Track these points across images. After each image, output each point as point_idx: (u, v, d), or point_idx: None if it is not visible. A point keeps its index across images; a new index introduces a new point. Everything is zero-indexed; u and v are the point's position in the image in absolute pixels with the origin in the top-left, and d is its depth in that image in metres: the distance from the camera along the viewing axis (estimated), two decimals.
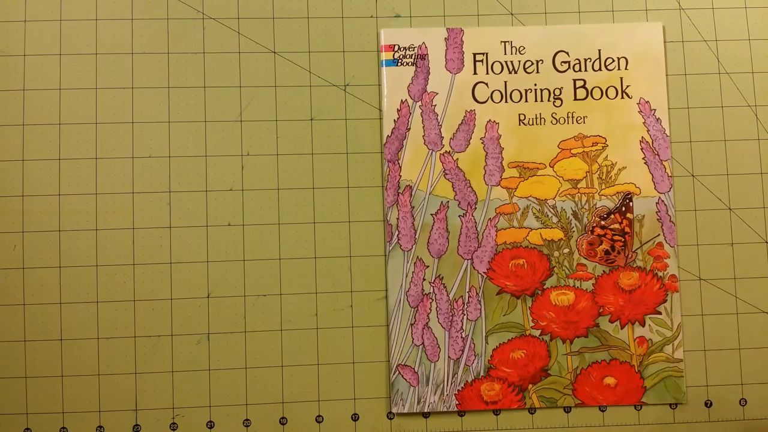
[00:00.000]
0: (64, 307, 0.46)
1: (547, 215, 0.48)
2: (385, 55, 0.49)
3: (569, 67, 0.48)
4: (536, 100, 0.48)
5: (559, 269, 0.47)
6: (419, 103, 0.48)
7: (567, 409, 0.47)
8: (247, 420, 0.46)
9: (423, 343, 0.47)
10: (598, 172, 0.48)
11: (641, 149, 0.48)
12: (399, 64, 0.49)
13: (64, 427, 0.46)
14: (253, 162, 0.48)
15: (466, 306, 0.47)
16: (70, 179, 0.47)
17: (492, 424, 0.47)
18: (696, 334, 0.47)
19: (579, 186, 0.48)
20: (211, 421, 0.46)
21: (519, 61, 0.48)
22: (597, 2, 0.50)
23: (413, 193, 0.48)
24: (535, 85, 0.48)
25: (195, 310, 0.47)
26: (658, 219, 0.48)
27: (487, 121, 0.48)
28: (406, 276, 0.47)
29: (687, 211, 0.48)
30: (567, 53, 0.48)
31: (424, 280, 0.47)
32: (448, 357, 0.47)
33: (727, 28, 0.50)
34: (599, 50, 0.48)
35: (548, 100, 0.48)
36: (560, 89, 0.48)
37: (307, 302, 0.47)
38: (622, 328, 0.47)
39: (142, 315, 0.46)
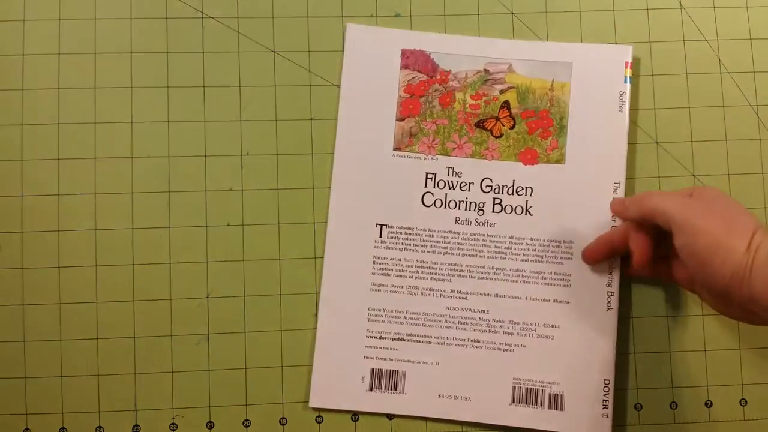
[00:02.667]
0: (64, 307, 0.46)
1: None
2: None
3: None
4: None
5: None
6: None
7: None
8: (246, 420, 0.46)
9: None
10: None
11: None
12: None
13: (63, 427, 0.46)
14: (253, 162, 0.48)
15: None
16: (70, 179, 0.47)
17: None
18: (696, 334, 0.47)
19: None
20: (211, 421, 0.46)
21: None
22: (598, 1, 0.49)
23: None
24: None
25: (195, 310, 0.47)
26: None
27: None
28: None
29: None
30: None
31: None
32: None
33: (728, 27, 0.49)
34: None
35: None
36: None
37: (307, 302, 0.47)
38: None
39: (142, 315, 0.46)
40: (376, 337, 0.46)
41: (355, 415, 0.46)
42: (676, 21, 0.50)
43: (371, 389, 0.46)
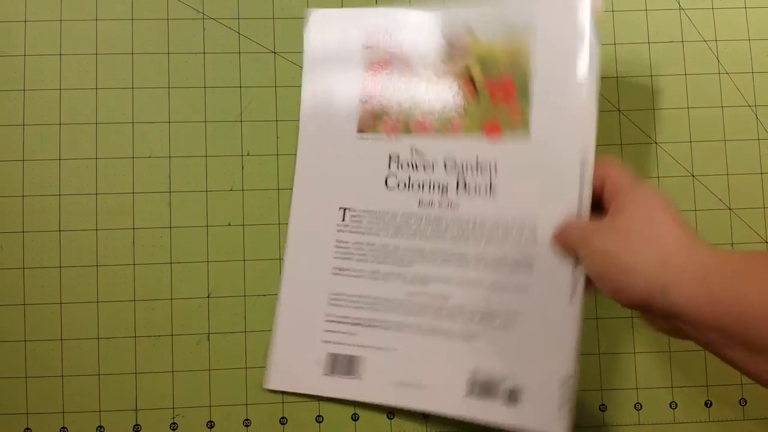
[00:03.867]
0: (64, 307, 0.46)
1: None
2: None
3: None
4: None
5: None
6: None
7: None
8: (247, 420, 0.46)
9: None
10: None
11: None
12: None
13: (64, 427, 0.46)
14: (253, 162, 0.48)
15: None
16: (70, 179, 0.47)
17: None
18: None
19: None
20: (211, 421, 0.46)
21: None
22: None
23: None
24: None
25: (195, 310, 0.47)
26: None
27: None
28: None
29: (687, 211, 0.48)
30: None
31: None
32: None
33: (726, 28, 0.50)
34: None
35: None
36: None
37: None
38: None
39: (142, 315, 0.47)
40: (335, 322, 0.45)
41: (355, 415, 0.46)
42: (674, 22, 0.50)
43: (328, 373, 0.45)
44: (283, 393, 0.46)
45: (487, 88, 0.45)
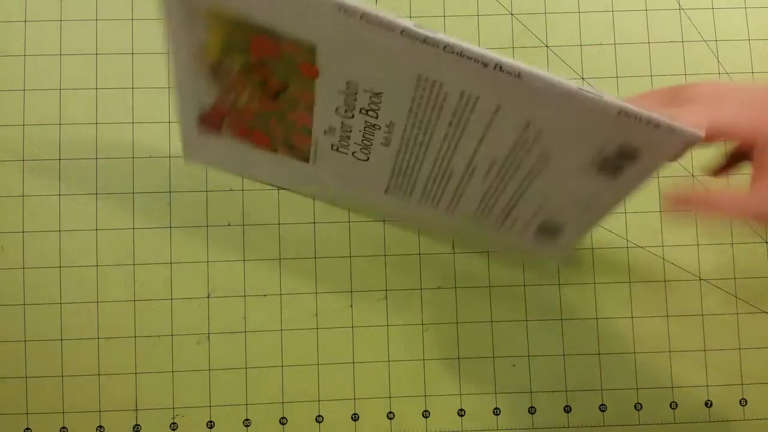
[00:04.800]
0: (64, 307, 0.46)
1: None
2: None
3: None
4: None
5: None
6: None
7: (567, 409, 0.47)
8: (247, 420, 0.46)
9: None
10: None
11: None
12: None
13: (64, 427, 0.46)
14: None
15: None
16: (70, 179, 0.47)
17: (492, 423, 0.47)
18: (696, 334, 0.47)
19: None
20: (211, 421, 0.46)
21: None
22: (597, 2, 0.50)
23: None
24: None
25: (195, 310, 0.47)
26: None
27: None
28: None
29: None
30: None
31: None
32: None
33: (726, 28, 0.50)
34: None
35: None
36: None
37: (307, 302, 0.47)
38: None
39: (142, 315, 0.47)
40: None
41: (355, 415, 0.46)
42: (674, 22, 0.50)
43: None
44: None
45: None
